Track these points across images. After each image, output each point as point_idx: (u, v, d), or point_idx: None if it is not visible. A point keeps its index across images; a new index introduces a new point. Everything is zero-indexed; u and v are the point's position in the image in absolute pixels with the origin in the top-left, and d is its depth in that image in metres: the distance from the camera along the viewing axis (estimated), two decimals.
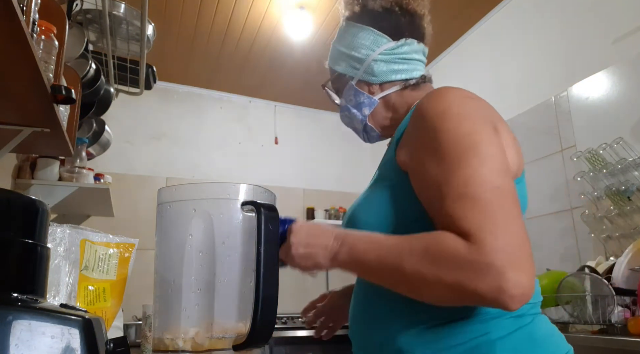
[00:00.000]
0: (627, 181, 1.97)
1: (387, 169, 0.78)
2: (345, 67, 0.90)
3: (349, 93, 0.90)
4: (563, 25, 2.48)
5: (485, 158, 0.63)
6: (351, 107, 0.90)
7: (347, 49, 0.89)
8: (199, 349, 0.55)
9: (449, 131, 0.65)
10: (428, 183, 0.66)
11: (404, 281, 0.62)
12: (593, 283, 1.66)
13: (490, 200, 0.59)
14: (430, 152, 0.66)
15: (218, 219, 0.58)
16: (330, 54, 0.94)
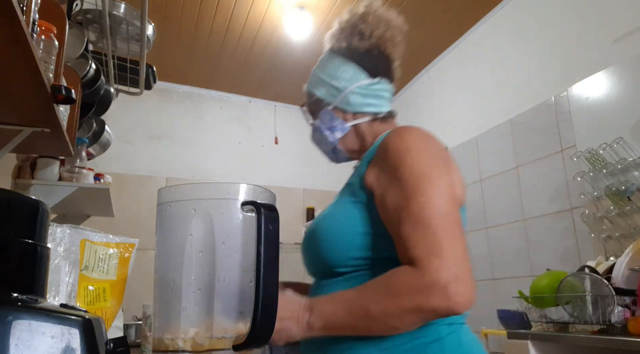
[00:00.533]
0: (627, 181, 1.97)
1: (356, 188, 0.88)
2: (325, 93, 1.01)
3: (325, 116, 1.01)
4: (563, 25, 2.48)
5: (438, 190, 0.77)
6: (324, 129, 1.01)
7: (328, 77, 1.01)
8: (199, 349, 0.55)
9: (409, 165, 0.79)
10: (390, 207, 0.79)
11: (376, 323, 0.73)
12: (593, 283, 1.66)
13: (439, 225, 0.73)
14: (393, 181, 0.80)
15: (218, 219, 0.58)
16: (311, 79, 1.05)
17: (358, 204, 0.86)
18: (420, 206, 0.75)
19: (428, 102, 3.63)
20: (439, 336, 0.78)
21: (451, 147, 3.30)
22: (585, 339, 1.58)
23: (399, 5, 2.91)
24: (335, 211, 0.89)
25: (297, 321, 0.75)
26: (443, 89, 3.49)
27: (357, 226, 0.84)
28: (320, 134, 1.02)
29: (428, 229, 0.73)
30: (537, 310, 1.85)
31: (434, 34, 3.24)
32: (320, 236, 0.87)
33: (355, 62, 0.99)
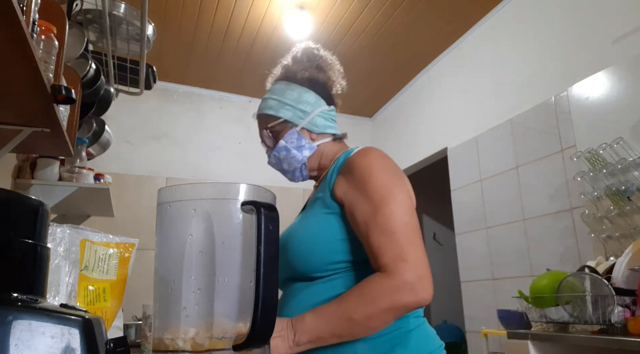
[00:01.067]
0: (627, 181, 1.97)
1: (327, 201, 0.98)
2: (292, 115, 1.09)
3: (292, 137, 1.09)
4: (563, 25, 2.48)
5: (398, 202, 0.90)
6: (292, 148, 1.09)
7: (293, 102, 1.10)
8: (199, 349, 0.55)
9: (374, 181, 0.92)
10: (359, 219, 0.90)
11: (359, 327, 0.83)
12: (593, 283, 1.66)
13: (401, 233, 0.86)
14: (361, 196, 0.92)
15: (218, 219, 0.58)
16: (269, 105, 1.13)
17: (333, 215, 0.96)
18: (385, 217, 0.87)
19: (428, 102, 3.63)
20: (410, 328, 0.91)
21: (451, 147, 3.31)
22: (585, 339, 1.58)
23: (399, 5, 2.91)
24: (310, 222, 0.99)
25: (284, 339, 0.83)
26: (443, 90, 3.49)
27: (337, 233, 0.94)
28: (287, 154, 1.10)
29: (393, 237, 0.86)
30: (537, 310, 1.85)
31: (434, 34, 3.24)
32: (298, 245, 0.95)
33: (315, 91, 1.11)
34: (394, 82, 3.84)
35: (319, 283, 0.94)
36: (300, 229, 1.00)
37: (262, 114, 1.16)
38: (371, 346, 0.87)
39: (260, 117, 1.17)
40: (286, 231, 1.04)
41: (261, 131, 1.16)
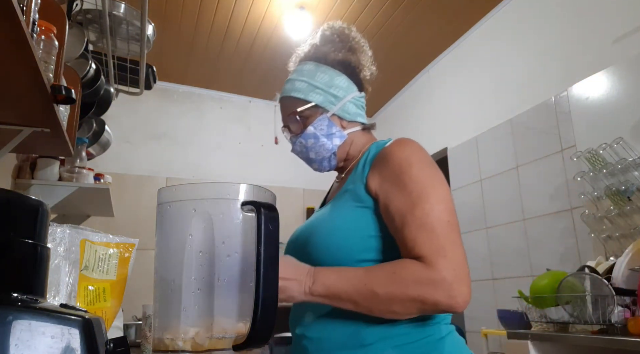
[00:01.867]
0: (627, 181, 1.97)
1: (360, 194, 0.90)
2: (323, 100, 1.00)
3: (321, 123, 1.00)
4: (563, 25, 2.48)
5: (439, 199, 0.82)
6: (322, 136, 1.00)
7: (324, 86, 1.01)
8: (199, 349, 0.55)
9: (414, 175, 0.84)
10: (394, 211, 0.83)
11: (377, 302, 0.77)
12: (593, 283, 1.66)
13: (442, 232, 0.79)
14: (397, 188, 0.84)
15: (218, 219, 0.58)
16: (297, 87, 1.02)
17: (365, 209, 0.88)
18: (424, 212, 0.80)
19: (428, 102, 3.63)
20: (441, 335, 0.84)
21: (451, 147, 3.31)
22: (585, 339, 1.58)
23: (399, 5, 2.91)
24: (340, 215, 0.90)
25: (299, 283, 0.78)
26: (443, 89, 3.49)
27: (369, 228, 0.87)
28: (316, 141, 1.00)
29: (432, 233, 0.78)
30: (537, 310, 1.85)
31: (434, 34, 3.24)
32: (325, 238, 0.88)
33: (347, 74, 1.03)
34: (394, 82, 3.84)
35: None
36: (328, 221, 0.91)
37: (288, 97, 1.03)
38: (401, 353, 0.81)
39: (285, 100, 1.04)
40: (309, 224, 0.98)
41: (286, 116, 1.04)
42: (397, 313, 0.77)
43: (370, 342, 0.81)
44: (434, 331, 0.84)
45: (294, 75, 1.06)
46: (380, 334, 0.82)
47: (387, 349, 0.80)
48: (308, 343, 0.87)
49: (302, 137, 1.01)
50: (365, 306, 0.78)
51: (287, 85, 1.05)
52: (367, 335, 0.82)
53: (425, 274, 0.75)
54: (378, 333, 0.82)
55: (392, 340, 0.81)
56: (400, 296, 0.76)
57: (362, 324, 0.82)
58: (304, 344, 0.88)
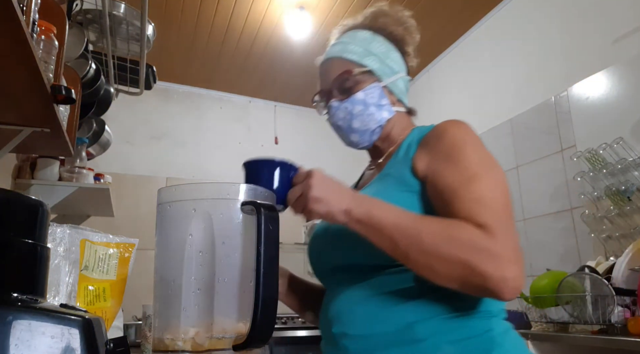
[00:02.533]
0: (627, 181, 1.97)
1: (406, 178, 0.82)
2: (379, 68, 0.93)
3: (373, 91, 0.91)
4: (563, 25, 2.48)
5: (497, 180, 0.75)
6: (371, 104, 0.91)
7: (381, 55, 0.94)
8: (199, 349, 0.55)
9: (468, 151, 0.77)
10: (444, 185, 0.75)
11: (419, 251, 0.67)
12: (593, 283, 1.66)
13: (500, 210, 0.71)
14: (450, 163, 0.76)
15: (218, 219, 0.58)
16: (350, 49, 0.93)
17: (412, 194, 0.80)
18: (481, 189, 0.72)
19: (428, 102, 3.63)
20: (502, 331, 0.76)
21: None
22: (585, 339, 1.58)
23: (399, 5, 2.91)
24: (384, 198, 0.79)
25: (341, 200, 0.70)
26: (443, 89, 3.49)
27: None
28: (364, 109, 0.90)
29: (490, 208, 0.70)
30: (537, 310, 1.85)
31: (434, 33, 3.24)
32: None
33: (401, 53, 0.97)
34: None
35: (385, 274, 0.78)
36: None
37: (338, 58, 0.93)
38: (459, 349, 0.72)
39: (333, 61, 0.94)
40: None
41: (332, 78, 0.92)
42: (434, 270, 0.67)
43: (423, 337, 0.72)
44: (493, 326, 0.75)
45: (344, 38, 0.96)
46: (435, 328, 0.73)
47: (443, 344, 0.71)
48: (350, 342, 0.77)
49: (349, 101, 0.90)
50: (403, 250, 0.68)
51: (335, 47, 0.95)
52: (420, 329, 0.73)
53: (483, 241, 0.65)
54: (432, 327, 0.73)
55: (449, 335, 0.72)
56: (447, 254, 0.65)
57: (415, 318, 0.74)
58: (344, 344, 0.78)
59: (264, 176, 0.73)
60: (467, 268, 0.64)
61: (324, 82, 0.95)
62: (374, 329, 0.76)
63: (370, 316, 0.77)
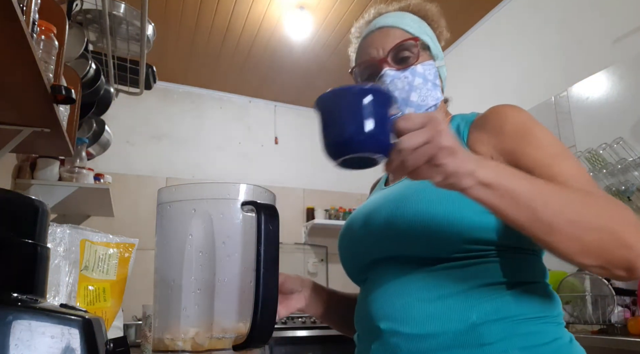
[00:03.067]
0: (627, 181, 1.97)
1: None
2: (433, 47, 0.88)
3: (430, 68, 0.85)
4: (563, 25, 2.48)
5: (576, 160, 0.70)
6: (429, 80, 0.84)
7: (433, 37, 0.90)
8: (199, 349, 0.55)
9: (541, 132, 0.72)
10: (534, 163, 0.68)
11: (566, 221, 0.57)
12: (593, 283, 1.66)
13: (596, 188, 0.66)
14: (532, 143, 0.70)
15: (218, 219, 0.58)
16: (408, 23, 0.87)
17: None
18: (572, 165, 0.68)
19: None
20: (570, 338, 0.71)
21: None
22: (585, 339, 1.58)
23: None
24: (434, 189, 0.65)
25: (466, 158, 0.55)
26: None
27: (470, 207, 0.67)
28: (424, 83, 0.83)
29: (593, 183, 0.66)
30: None
31: None
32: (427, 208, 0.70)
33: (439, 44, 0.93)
34: None
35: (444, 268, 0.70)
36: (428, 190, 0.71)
37: (396, 27, 0.86)
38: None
39: (391, 30, 0.86)
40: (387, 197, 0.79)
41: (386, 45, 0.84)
42: (582, 242, 0.57)
43: (491, 341, 0.65)
44: (563, 333, 0.70)
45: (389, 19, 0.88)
46: (504, 331, 0.66)
47: (513, 350, 0.65)
48: (404, 341, 0.68)
49: (410, 71, 0.83)
50: (547, 219, 0.56)
51: (388, 18, 0.88)
52: (487, 332, 0.65)
53: (624, 209, 0.60)
54: (501, 330, 0.66)
55: (519, 339, 0.65)
56: (597, 223, 0.57)
57: (480, 319, 0.66)
58: (395, 342, 0.69)
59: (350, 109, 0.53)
60: (616, 239, 0.57)
61: (375, 49, 0.85)
62: (434, 329, 0.67)
63: (429, 314, 0.68)
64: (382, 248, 0.76)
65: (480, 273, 0.69)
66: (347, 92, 0.54)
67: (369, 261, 0.79)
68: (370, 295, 0.76)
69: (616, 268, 0.59)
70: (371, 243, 0.78)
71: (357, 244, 0.82)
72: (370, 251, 0.79)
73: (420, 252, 0.71)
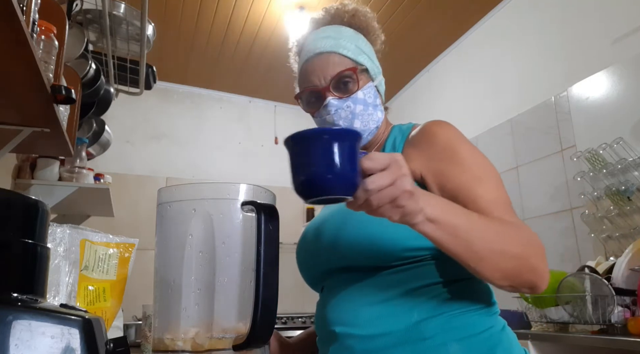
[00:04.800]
0: (627, 181, 1.97)
1: None
2: (371, 67, 0.91)
3: (370, 91, 0.89)
4: (563, 25, 2.48)
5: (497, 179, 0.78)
6: (370, 104, 0.88)
7: (370, 54, 0.93)
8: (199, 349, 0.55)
9: (467, 152, 0.79)
10: (456, 186, 0.75)
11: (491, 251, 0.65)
12: (593, 283, 1.66)
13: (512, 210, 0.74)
14: (454, 164, 0.77)
15: (218, 219, 0.58)
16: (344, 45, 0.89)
17: None
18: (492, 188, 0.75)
19: (428, 101, 3.63)
20: (501, 327, 0.79)
21: None
22: (585, 339, 1.58)
23: (399, 5, 2.91)
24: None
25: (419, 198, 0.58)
26: (443, 89, 3.49)
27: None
28: (365, 109, 0.87)
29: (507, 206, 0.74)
30: (537, 310, 1.85)
31: (434, 33, 3.24)
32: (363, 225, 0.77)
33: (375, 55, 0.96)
34: (394, 81, 3.84)
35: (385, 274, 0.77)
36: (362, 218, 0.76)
37: (336, 53, 0.88)
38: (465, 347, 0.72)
39: (331, 56, 0.88)
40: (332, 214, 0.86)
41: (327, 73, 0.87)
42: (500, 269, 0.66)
43: (430, 335, 0.73)
44: (495, 322, 0.78)
45: (330, 33, 0.91)
46: (442, 325, 0.74)
47: (450, 342, 0.72)
48: (356, 342, 0.76)
49: (352, 100, 0.86)
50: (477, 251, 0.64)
51: (326, 41, 0.89)
52: (426, 328, 0.73)
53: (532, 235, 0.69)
54: (439, 324, 0.73)
55: (455, 332, 0.73)
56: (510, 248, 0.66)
57: (420, 316, 0.74)
58: (349, 344, 0.76)
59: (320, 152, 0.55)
60: (527, 264, 0.67)
61: (317, 78, 0.88)
62: (381, 329, 0.75)
63: (377, 316, 0.76)
64: (331, 261, 0.84)
65: (419, 275, 0.76)
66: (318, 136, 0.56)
67: (322, 272, 0.87)
68: (326, 303, 0.84)
69: (523, 288, 0.70)
70: (322, 257, 0.86)
71: (310, 257, 0.90)
72: (322, 264, 0.86)
73: (364, 263, 0.79)
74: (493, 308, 0.81)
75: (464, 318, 0.75)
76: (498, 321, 0.79)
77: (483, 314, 0.78)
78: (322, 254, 0.85)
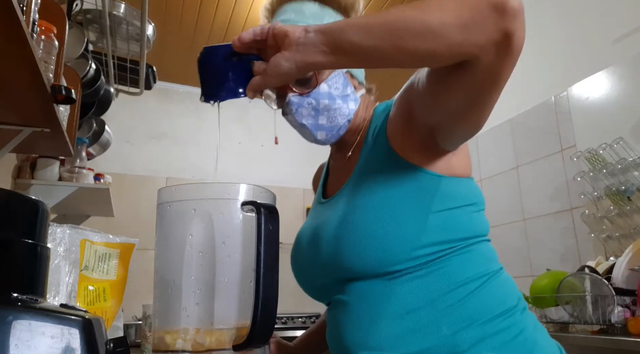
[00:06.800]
0: (627, 181, 1.97)
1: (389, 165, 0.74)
2: None
3: (337, 81, 0.80)
4: (563, 25, 2.48)
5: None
6: (337, 96, 0.79)
7: None
8: (199, 349, 0.55)
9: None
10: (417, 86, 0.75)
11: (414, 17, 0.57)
12: (593, 283, 1.66)
13: None
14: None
15: (218, 219, 0.58)
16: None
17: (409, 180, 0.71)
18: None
19: None
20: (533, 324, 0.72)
21: None
22: (585, 339, 1.58)
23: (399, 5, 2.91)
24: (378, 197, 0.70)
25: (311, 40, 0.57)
26: None
27: (428, 204, 0.69)
28: (331, 103, 0.79)
29: None
30: (537, 310, 1.85)
31: None
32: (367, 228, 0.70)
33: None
34: (393, 82, 3.84)
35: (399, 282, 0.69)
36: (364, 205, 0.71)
37: None
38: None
39: None
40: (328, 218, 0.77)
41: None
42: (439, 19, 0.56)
43: (465, 348, 0.65)
44: (527, 321, 0.71)
45: (289, 14, 0.85)
46: (476, 335, 0.66)
47: (486, 352, 0.65)
48: None
49: (313, 96, 0.79)
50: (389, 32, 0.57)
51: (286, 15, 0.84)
52: (460, 341, 0.66)
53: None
54: (472, 336, 0.66)
55: (490, 341, 0.66)
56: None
57: (450, 328, 0.67)
58: None
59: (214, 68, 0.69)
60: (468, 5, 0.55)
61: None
62: (410, 349, 0.66)
63: (402, 334, 0.67)
64: (336, 273, 0.74)
65: (437, 279, 0.69)
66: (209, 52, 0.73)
67: (324, 284, 0.78)
68: (338, 322, 0.75)
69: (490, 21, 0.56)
70: (324, 269, 0.76)
71: (308, 267, 0.82)
72: (325, 276, 0.77)
73: (373, 271, 0.70)
74: (519, 304, 0.72)
75: (497, 322, 0.68)
76: (529, 319, 0.72)
77: (512, 314, 0.70)
78: (323, 265, 0.76)
